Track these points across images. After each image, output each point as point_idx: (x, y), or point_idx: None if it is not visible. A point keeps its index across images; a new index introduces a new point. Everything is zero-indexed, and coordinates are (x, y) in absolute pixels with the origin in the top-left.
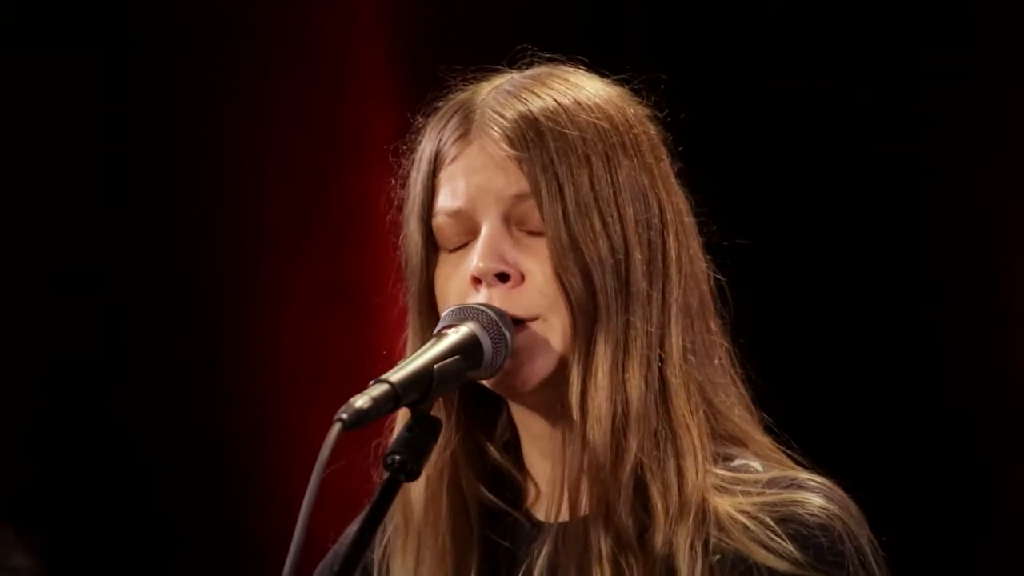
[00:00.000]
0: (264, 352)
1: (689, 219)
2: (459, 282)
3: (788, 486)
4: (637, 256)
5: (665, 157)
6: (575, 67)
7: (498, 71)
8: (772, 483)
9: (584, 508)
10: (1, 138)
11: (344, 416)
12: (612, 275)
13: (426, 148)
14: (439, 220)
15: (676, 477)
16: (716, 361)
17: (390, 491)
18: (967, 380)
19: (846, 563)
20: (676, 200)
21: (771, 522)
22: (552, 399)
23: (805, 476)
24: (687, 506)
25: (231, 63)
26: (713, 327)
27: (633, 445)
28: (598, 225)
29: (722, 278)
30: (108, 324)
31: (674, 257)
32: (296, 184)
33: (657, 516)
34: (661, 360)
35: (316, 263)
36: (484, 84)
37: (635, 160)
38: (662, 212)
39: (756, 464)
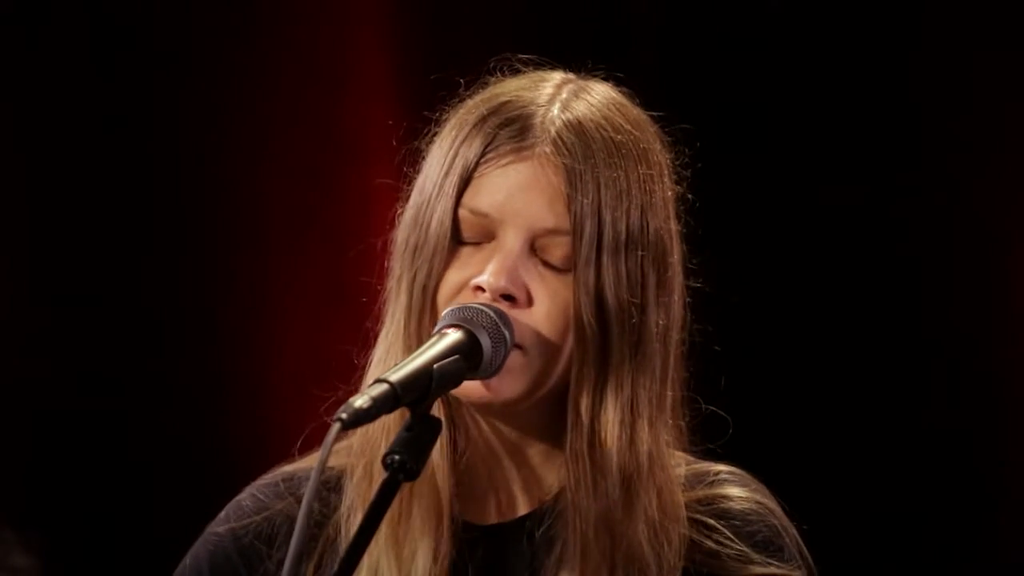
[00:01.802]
0: (264, 352)
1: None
2: (459, 283)
3: (711, 483)
4: (652, 315)
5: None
6: (631, 99)
7: (552, 66)
8: (696, 479)
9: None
10: (2, 139)
11: (344, 416)
12: (628, 325)
13: (476, 139)
14: (461, 212)
15: (664, 534)
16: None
17: (390, 491)
18: (967, 380)
19: (785, 548)
20: (681, 252)
21: (711, 521)
22: (527, 426)
23: (720, 467)
24: (677, 557)
25: (231, 63)
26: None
27: (643, 501)
28: (623, 271)
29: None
30: (108, 324)
31: (677, 314)
32: (296, 184)
33: (648, 570)
34: (656, 416)
35: (316, 263)
36: (544, 86)
37: (661, 215)
38: (673, 271)
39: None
